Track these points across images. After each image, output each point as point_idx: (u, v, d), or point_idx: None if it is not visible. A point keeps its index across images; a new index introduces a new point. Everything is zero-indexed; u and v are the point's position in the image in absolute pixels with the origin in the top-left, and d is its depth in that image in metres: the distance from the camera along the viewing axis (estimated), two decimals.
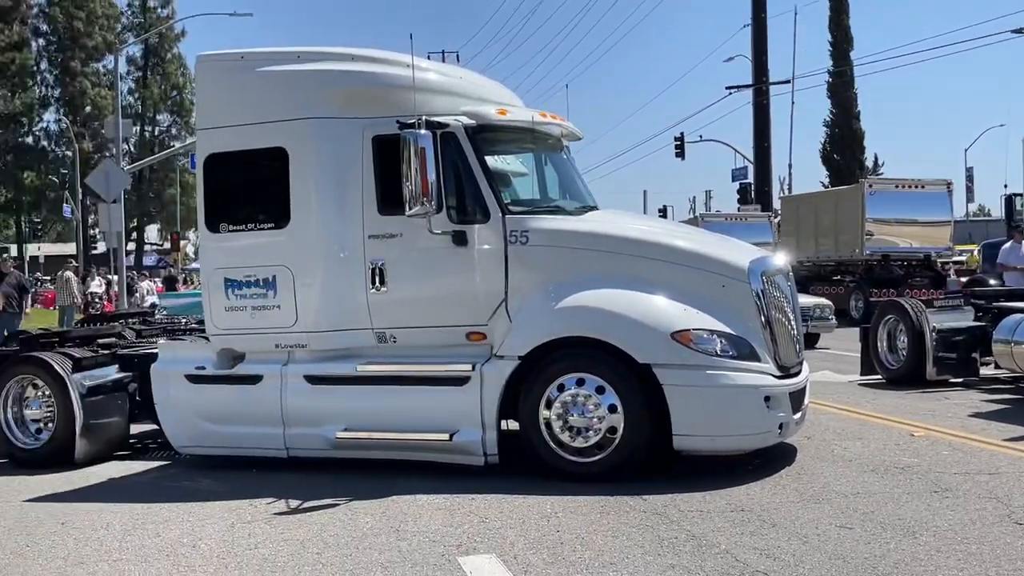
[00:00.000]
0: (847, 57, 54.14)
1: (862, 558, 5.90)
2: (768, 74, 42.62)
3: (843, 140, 55.52)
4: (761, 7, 41.84)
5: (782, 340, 8.43)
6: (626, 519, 6.94)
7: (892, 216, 27.80)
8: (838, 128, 55.82)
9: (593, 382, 8.09)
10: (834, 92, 55.46)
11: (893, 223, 27.88)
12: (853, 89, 55.85)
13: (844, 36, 54.81)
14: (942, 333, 13.22)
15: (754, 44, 42.59)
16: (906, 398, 12.41)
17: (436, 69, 9.36)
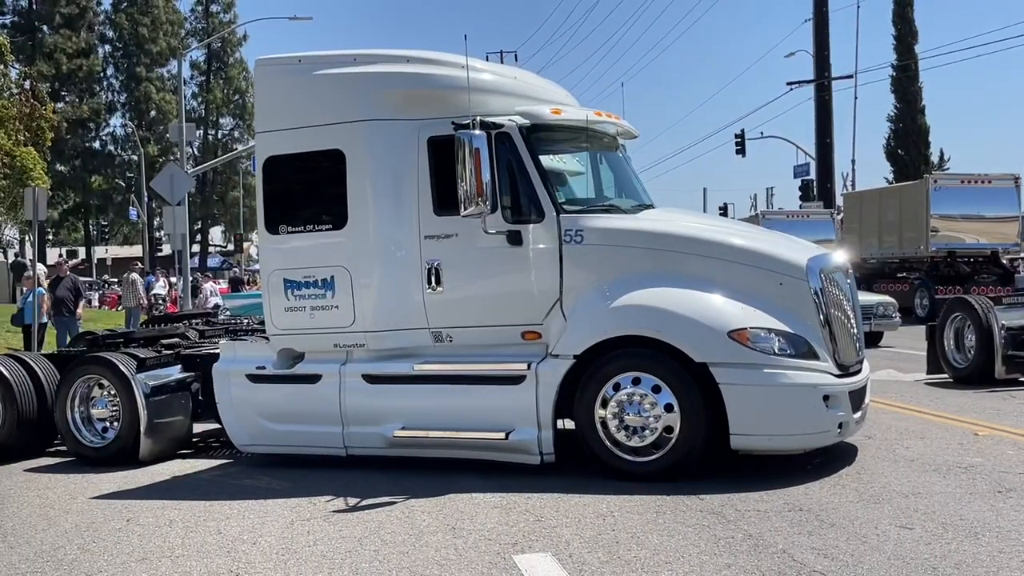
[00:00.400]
0: (911, 51, 53.14)
1: (922, 559, 5.82)
2: (830, 69, 42.02)
3: (907, 135, 54.50)
4: (823, 1, 41.32)
5: (841, 338, 8.34)
6: (682, 518, 6.91)
7: (958, 212, 27.33)
8: (902, 123, 54.81)
9: (649, 381, 8.07)
10: (898, 87, 54.47)
11: (959, 219, 27.41)
12: (918, 83, 54.81)
13: (908, 29, 53.80)
14: (1011, 331, 12.98)
15: (815, 39, 42.05)
16: (971, 397, 12.19)
17: (490, 70, 9.41)
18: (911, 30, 53.83)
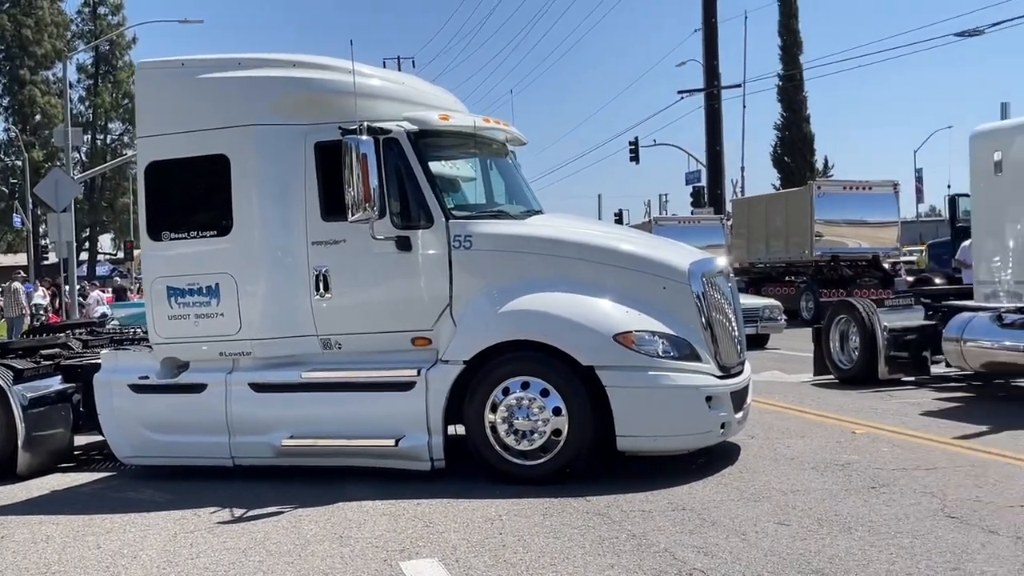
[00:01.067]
0: (797, 61, 54.67)
1: (797, 553, 5.98)
2: (719, 78, 42.96)
3: (794, 143, 56.04)
4: (711, 12, 42.23)
5: (723, 340, 8.52)
6: (569, 520, 6.97)
7: (840, 217, 28.14)
8: (788, 131, 56.33)
9: (538, 385, 8.12)
10: (784, 95, 55.98)
11: (842, 224, 28.23)
12: (803, 92, 56.42)
13: (794, 40, 55.32)
14: (893, 332, 13.42)
15: (705, 49, 42.96)
16: (852, 397, 12.57)
17: (378, 75, 9.35)
18: (796, 41, 55.35)
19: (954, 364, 12.77)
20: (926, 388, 13.02)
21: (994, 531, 6.32)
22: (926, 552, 5.93)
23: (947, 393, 12.59)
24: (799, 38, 55.51)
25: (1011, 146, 11.49)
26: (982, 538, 6.18)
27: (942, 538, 6.20)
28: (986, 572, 5.55)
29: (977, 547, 5.99)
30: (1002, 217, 11.73)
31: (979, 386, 13.12)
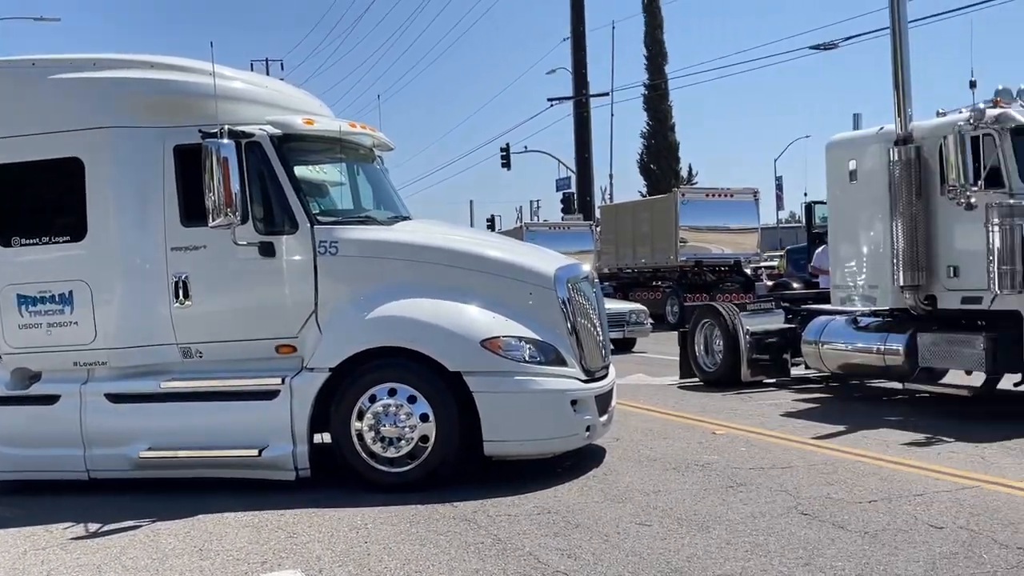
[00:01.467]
0: (662, 71, 55.91)
1: (657, 553, 6.09)
2: (588, 86, 43.63)
3: (659, 151, 57.30)
4: (580, 21, 42.85)
5: (588, 345, 8.63)
6: (435, 527, 6.95)
7: (704, 224, 28.91)
8: (654, 139, 57.58)
9: (405, 392, 8.08)
10: (650, 104, 57.19)
11: (705, 230, 29.00)
12: (668, 102, 57.73)
13: (659, 50, 56.59)
14: (755, 336, 13.83)
15: (574, 57, 43.55)
16: (714, 398, 12.90)
17: (241, 78, 9.16)
18: (661, 51, 56.62)
19: (813, 366, 13.22)
20: (786, 390, 13.47)
21: (843, 526, 6.56)
22: (779, 548, 6.12)
23: (805, 394, 13.04)
24: (664, 49, 56.81)
25: (865, 155, 11.97)
26: (832, 533, 6.41)
27: (795, 534, 6.41)
28: (835, 566, 5.75)
29: (827, 542, 6.21)
30: (856, 224, 12.19)
31: (836, 387, 13.61)
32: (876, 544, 6.14)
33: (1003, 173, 10.18)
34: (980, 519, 6.63)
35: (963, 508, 6.93)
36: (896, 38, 11.19)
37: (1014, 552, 5.90)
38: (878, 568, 5.69)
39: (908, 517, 6.74)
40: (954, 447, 9.08)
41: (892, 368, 11.55)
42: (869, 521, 6.66)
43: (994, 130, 10.21)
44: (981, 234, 10.11)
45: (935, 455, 8.80)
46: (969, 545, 6.07)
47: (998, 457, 8.60)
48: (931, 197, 10.96)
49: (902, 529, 6.46)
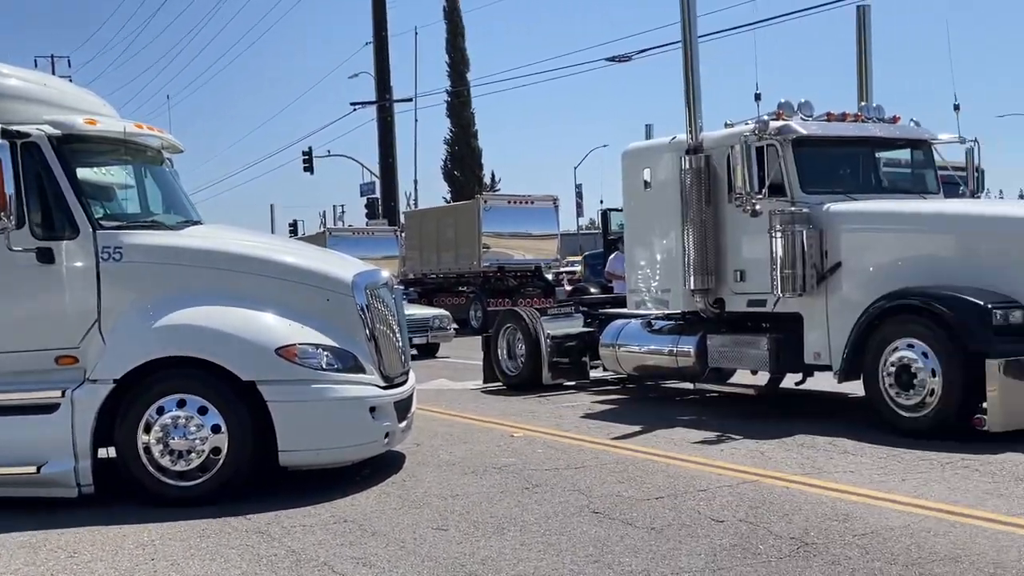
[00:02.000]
0: (464, 78, 56.50)
1: (452, 558, 6.15)
2: (391, 91, 43.61)
3: (463, 157, 57.84)
4: (382, 26, 42.77)
5: (387, 351, 8.61)
6: (227, 540, 6.77)
7: (506, 230, 29.40)
8: (458, 146, 58.09)
9: (195, 403, 7.83)
10: (453, 111, 57.67)
11: (507, 236, 29.48)
12: (471, 109, 58.39)
13: (461, 58, 57.14)
14: (556, 339, 14.13)
15: (376, 62, 43.43)
16: (515, 402, 13.12)
17: (17, 75, 8.67)
18: (463, 59, 57.22)
19: (610, 368, 13.62)
20: (585, 392, 13.84)
21: (632, 523, 6.80)
22: (571, 547, 6.28)
23: (603, 396, 13.44)
24: (466, 56, 57.45)
25: (658, 164, 12.42)
26: (621, 530, 6.63)
27: (586, 532, 6.60)
28: (622, 562, 5.95)
29: (616, 539, 6.42)
30: (650, 230, 12.64)
31: (632, 388, 14.07)
32: (661, 539, 6.40)
33: (785, 182, 10.79)
34: (758, 511, 7.01)
35: (743, 502, 7.30)
36: (687, 52, 11.68)
37: (787, 542, 6.25)
38: (663, 562, 5.92)
39: (692, 512, 7.05)
40: (738, 444, 9.54)
41: (684, 369, 12.04)
42: (656, 517, 6.93)
43: (777, 141, 10.80)
44: (765, 240, 10.69)
45: (719, 452, 9.23)
46: (747, 537, 6.39)
47: (777, 452, 9.10)
48: (720, 205, 11.50)
49: (686, 524, 6.74)
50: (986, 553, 5.85)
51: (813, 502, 7.24)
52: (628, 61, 31.99)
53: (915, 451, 8.72)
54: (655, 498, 7.49)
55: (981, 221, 10.10)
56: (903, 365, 9.37)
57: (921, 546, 6.04)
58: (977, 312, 8.92)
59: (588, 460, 9.01)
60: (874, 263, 10.27)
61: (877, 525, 6.54)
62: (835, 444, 9.28)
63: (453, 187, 57.16)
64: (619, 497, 7.55)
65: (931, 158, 11.79)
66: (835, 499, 7.31)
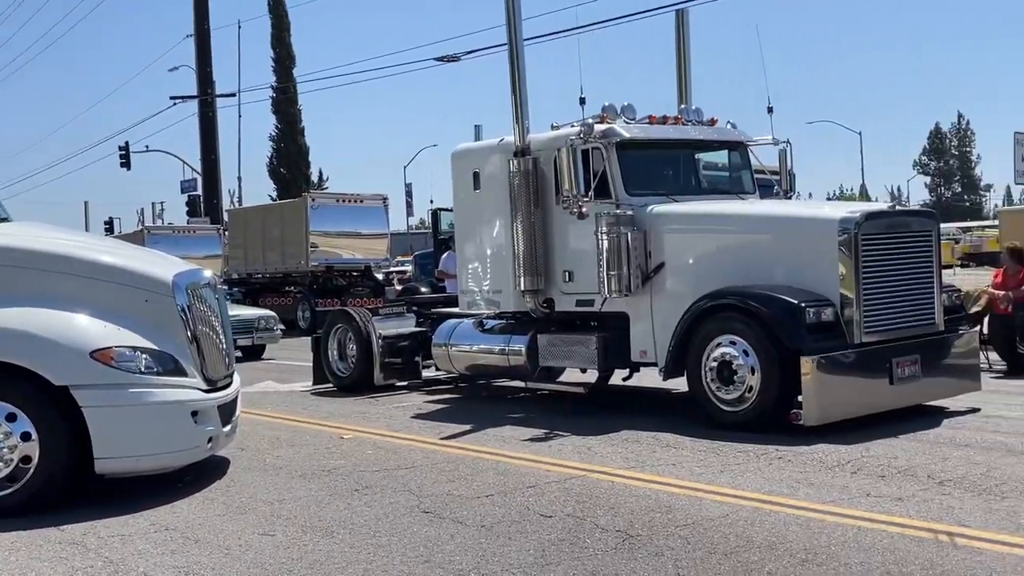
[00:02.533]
0: (291, 74, 55.53)
1: (279, 563, 6.05)
2: (213, 85, 42.39)
3: (289, 155, 56.87)
4: (204, 18, 41.52)
5: (210, 354, 8.39)
6: (38, 553, 6.46)
7: (335, 229, 29.06)
8: (284, 143, 57.07)
9: (3, 409, 7.44)
10: (279, 108, 56.62)
11: (336, 235, 29.14)
12: (297, 106, 57.46)
13: (287, 53, 56.15)
14: (388, 339, 14.04)
15: (198, 55, 42.13)
16: (345, 403, 13.00)
17: None
18: (289, 54, 56.27)
19: (443, 368, 13.64)
20: (417, 392, 13.80)
21: (462, 522, 6.85)
22: (401, 548, 6.28)
23: (435, 396, 13.46)
24: (292, 52, 56.51)
25: (487, 164, 12.51)
26: (452, 529, 6.68)
27: (417, 533, 6.61)
28: (453, 560, 5.99)
29: (447, 538, 6.46)
30: (481, 230, 12.73)
31: (464, 388, 14.13)
32: (491, 536, 6.48)
33: (610, 184, 11.04)
34: (585, 506, 7.18)
35: (570, 497, 7.46)
36: (513, 54, 11.83)
37: (613, 535, 6.43)
38: (493, 559, 6.00)
39: (521, 508, 7.16)
40: (565, 440, 9.74)
41: (515, 368, 12.18)
42: (486, 515, 7.00)
43: (601, 144, 11.06)
44: (592, 241, 10.93)
45: (548, 448, 9.40)
46: (575, 531, 6.55)
47: (603, 447, 9.34)
48: (548, 206, 11.69)
49: (515, 520, 6.85)
50: (799, 540, 6.17)
51: (637, 495, 7.47)
52: (457, 61, 32.12)
53: (733, 444, 9.10)
54: (485, 496, 7.57)
55: (793, 222, 10.61)
56: (724, 362, 9.76)
57: (739, 535, 6.32)
58: (791, 311, 9.37)
59: (419, 460, 9.03)
60: (695, 263, 10.67)
61: (698, 516, 6.80)
62: (658, 439, 9.59)
63: (279, 185, 56.11)
64: (450, 496, 7.60)
65: (747, 160, 12.32)
66: (658, 492, 7.56)
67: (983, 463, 8.04)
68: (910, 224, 10.24)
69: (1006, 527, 6.26)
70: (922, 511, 6.70)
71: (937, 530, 6.25)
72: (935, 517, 6.53)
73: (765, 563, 5.74)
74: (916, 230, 10.21)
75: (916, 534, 6.19)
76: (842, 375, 9.40)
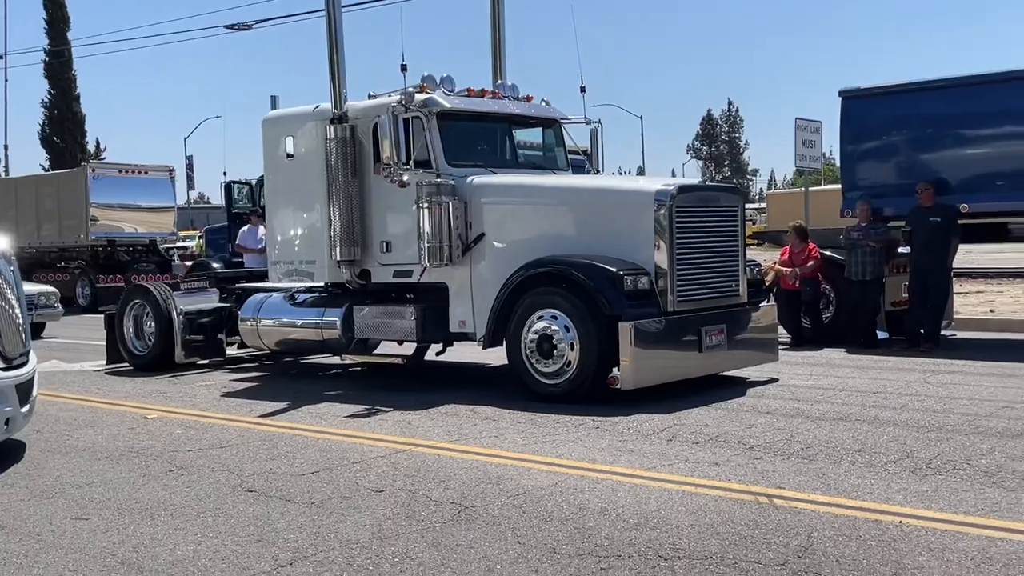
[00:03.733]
0: (64, 37, 52.56)
1: (100, 547, 5.74)
2: None
3: (63, 123, 53.79)
4: None
5: (7, 329, 7.87)
6: None
7: (116, 201, 27.80)
8: (57, 110, 53.93)
9: None
10: (52, 72, 53.46)
11: (118, 208, 27.86)
12: (72, 71, 54.39)
13: (60, 14, 53.08)
14: (189, 316, 13.54)
15: None
16: (144, 382, 12.48)
17: None
18: (63, 15, 53.25)
19: (251, 344, 13.29)
20: (222, 370, 13.44)
21: (290, 499, 6.69)
22: (230, 527, 6.07)
23: (242, 374, 13.13)
24: (66, 13, 53.47)
25: (301, 133, 12.18)
26: (280, 507, 6.51)
27: (244, 512, 6.41)
28: (287, 539, 5.84)
29: (277, 516, 6.29)
30: (295, 200, 12.43)
31: (272, 364, 13.85)
32: (324, 513, 6.35)
33: (431, 154, 10.99)
34: (415, 479, 7.15)
35: (399, 471, 7.41)
36: (331, 17, 11.57)
37: (448, 507, 6.43)
38: (328, 536, 5.88)
39: (350, 484, 7.06)
40: (386, 415, 9.67)
41: (329, 341, 11.99)
42: (314, 492, 6.87)
43: (422, 113, 10.98)
44: (411, 212, 10.89)
45: (368, 424, 9.32)
46: (409, 504, 6.51)
47: (424, 422, 9.34)
48: (366, 176, 11.54)
49: (346, 496, 6.74)
50: (629, 505, 6.35)
51: (466, 467, 7.51)
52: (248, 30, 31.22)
53: (551, 416, 9.28)
54: (310, 473, 7.42)
55: (610, 194, 10.88)
56: (544, 335, 9.94)
57: (571, 502, 6.45)
58: (611, 279, 9.63)
59: (233, 439, 8.76)
60: (515, 234, 10.78)
61: (528, 485, 6.89)
62: (476, 412, 9.69)
63: (52, 154, 53.01)
64: (273, 474, 7.41)
65: (561, 138, 12.54)
66: (485, 463, 7.62)
67: (786, 429, 8.52)
68: (719, 199, 10.71)
69: (818, 487, 6.64)
70: (739, 475, 7.03)
71: (756, 492, 6.56)
72: (752, 480, 6.86)
73: (600, 528, 5.87)
74: (724, 204, 10.69)
75: (738, 496, 6.48)
76: (657, 341, 9.74)
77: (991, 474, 6.85)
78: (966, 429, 8.37)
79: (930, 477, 6.81)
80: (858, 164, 14.75)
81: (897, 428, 8.47)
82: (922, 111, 14.22)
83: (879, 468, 7.10)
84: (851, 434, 8.26)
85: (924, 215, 13.42)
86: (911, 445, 7.79)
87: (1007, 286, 20.86)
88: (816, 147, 19.66)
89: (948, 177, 13.71)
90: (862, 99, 14.71)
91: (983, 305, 17.68)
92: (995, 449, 7.61)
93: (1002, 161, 13.46)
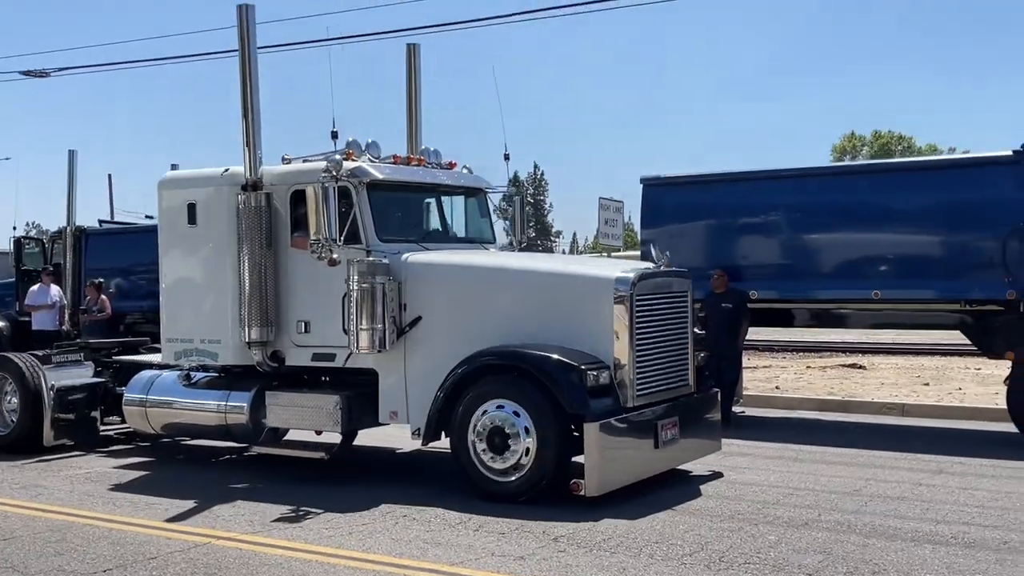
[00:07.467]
0: None
1: None
2: None
3: None
4: None
5: None
6: None
7: None
8: None
9: None
10: None
11: None
12: None
13: None
14: (60, 391, 12.60)
15: None
16: None
17: None
18: None
19: (136, 426, 12.46)
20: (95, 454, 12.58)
21: None
22: None
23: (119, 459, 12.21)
24: None
25: (206, 198, 11.37)
26: None
27: None
28: None
29: None
30: (196, 270, 11.60)
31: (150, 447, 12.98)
32: None
33: (360, 228, 10.42)
34: None
35: (198, 569, 7.15)
36: (245, 72, 10.89)
37: None
38: None
39: None
40: (184, 504, 9.38)
41: (235, 429, 11.27)
42: None
43: (351, 183, 10.39)
44: (334, 289, 10.30)
45: (165, 512, 9.08)
46: None
47: (226, 511, 9.17)
48: (281, 248, 10.91)
49: None
50: None
51: (269, 564, 7.34)
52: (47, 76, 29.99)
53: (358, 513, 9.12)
54: (102, 571, 7.14)
55: (566, 279, 10.34)
56: (496, 427, 9.45)
57: None
58: (574, 374, 9.22)
59: (17, 529, 8.35)
60: (458, 318, 10.25)
61: None
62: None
63: None
64: (62, 572, 7.08)
65: (487, 207, 12.20)
66: (290, 559, 7.49)
67: (589, 517, 8.71)
68: (671, 284, 10.45)
69: None
70: (543, 569, 7.19)
71: None
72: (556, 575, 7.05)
73: None
74: (676, 290, 10.50)
75: None
76: (619, 440, 9.41)
77: (779, 568, 7.20)
78: (755, 518, 8.74)
79: (723, 571, 7.12)
80: (657, 248, 15.21)
81: (692, 517, 8.80)
82: (717, 201, 15.09)
83: (676, 562, 7.39)
84: (650, 524, 8.55)
85: (717, 300, 14.25)
86: (705, 536, 8.13)
87: (791, 361, 22.23)
88: (618, 225, 21.85)
89: (740, 264, 14.64)
90: (661, 187, 15.48)
91: (769, 382, 18.57)
92: (781, 541, 7.99)
93: (784, 253, 14.48)
